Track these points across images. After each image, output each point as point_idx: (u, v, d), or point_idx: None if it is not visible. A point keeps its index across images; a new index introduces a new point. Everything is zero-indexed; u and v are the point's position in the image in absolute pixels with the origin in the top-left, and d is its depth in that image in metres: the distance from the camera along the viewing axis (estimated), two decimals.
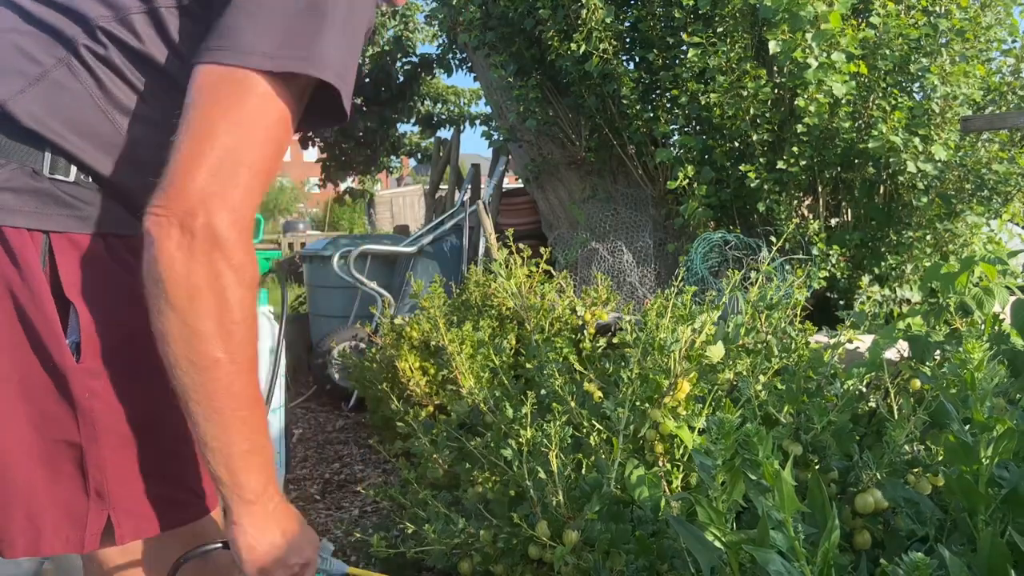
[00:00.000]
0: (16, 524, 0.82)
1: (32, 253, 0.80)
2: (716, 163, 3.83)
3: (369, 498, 2.92)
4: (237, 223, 0.76)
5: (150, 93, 0.85)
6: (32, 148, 0.82)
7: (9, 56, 0.83)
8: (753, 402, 1.57)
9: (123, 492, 0.85)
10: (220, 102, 0.76)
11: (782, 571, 0.80)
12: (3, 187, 0.80)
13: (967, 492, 1.02)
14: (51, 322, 0.80)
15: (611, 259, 4.18)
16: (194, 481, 0.92)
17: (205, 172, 0.74)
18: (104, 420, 0.83)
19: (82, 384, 0.82)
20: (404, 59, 8.81)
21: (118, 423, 0.84)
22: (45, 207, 0.82)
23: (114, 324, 0.83)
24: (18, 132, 0.81)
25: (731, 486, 0.88)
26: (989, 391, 1.00)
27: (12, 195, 0.80)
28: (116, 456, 0.85)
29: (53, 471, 0.82)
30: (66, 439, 0.82)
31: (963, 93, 3.30)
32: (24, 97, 0.81)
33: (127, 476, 0.86)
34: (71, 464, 0.83)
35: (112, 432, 0.84)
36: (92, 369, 0.82)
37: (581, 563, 1.45)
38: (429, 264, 4.69)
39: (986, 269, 1.93)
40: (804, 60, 3.28)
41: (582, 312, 2.66)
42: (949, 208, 3.44)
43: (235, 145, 0.76)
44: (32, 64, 0.82)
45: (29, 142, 0.82)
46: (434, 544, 1.68)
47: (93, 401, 0.82)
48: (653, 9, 4.00)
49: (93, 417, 0.83)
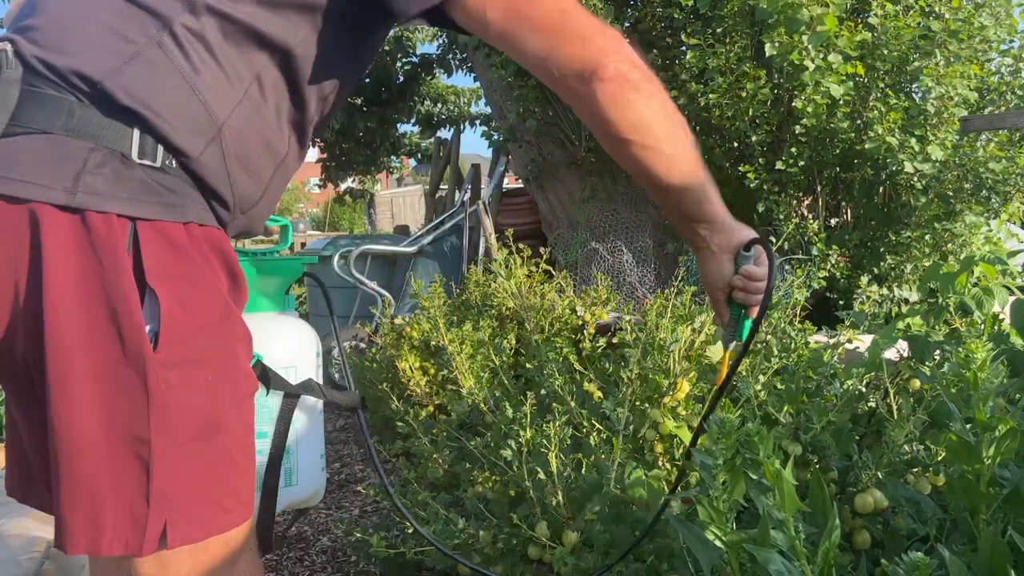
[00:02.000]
0: (79, 522, 0.81)
1: (120, 240, 0.79)
2: (715, 163, 3.83)
3: (369, 498, 2.92)
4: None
5: (236, 75, 0.86)
6: (123, 127, 0.81)
7: (100, 35, 0.82)
8: (752, 402, 1.57)
9: (182, 494, 0.83)
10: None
11: (783, 570, 0.80)
12: (94, 171, 0.79)
13: (968, 492, 1.02)
14: (133, 312, 0.78)
15: (611, 259, 4.18)
16: (243, 489, 0.89)
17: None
18: (176, 415, 0.81)
19: (158, 375, 0.79)
20: (404, 59, 8.81)
21: (188, 419, 0.82)
22: (134, 194, 0.81)
23: (191, 315, 0.82)
24: (112, 111, 0.81)
25: (732, 485, 0.88)
26: (992, 391, 1.00)
27: (103, 180, 0.79)
28: (182, 455, 0.82)
29: (119, 470, 0.80)
30: (136, 435, 0.80)
31: (959, 94, 3.30)
32: (120, 75, 0.81)
33: (189, 477, 0.83)
34: (137, 463, 0.80)
35: (182, 429, 0.82)
36: (168, 360, 0.80)
37: (581, 564, 1.45)
38: (429, 264, 4.69)
39: (985, 269, 1.93)
40: (800, 62, 3.28)
41: (582, 312, 2.66)
42: (948, 208, 3.44)
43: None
44: (125, 43, 0.82)
45: (121, 120, 0.81)
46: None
47: (167, 394, 0.80)
48: (653, 9, 4.00)
49: (166, 411, 0.80)
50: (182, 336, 0.81)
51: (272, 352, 1.05)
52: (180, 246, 0.83)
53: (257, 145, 0.92)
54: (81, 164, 0.79)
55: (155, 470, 0.80)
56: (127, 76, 0.81)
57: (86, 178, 0.79)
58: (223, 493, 0.87)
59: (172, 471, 0.81)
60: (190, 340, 0.82)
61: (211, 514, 0.86)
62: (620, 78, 0.92)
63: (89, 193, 0.78)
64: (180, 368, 0.81)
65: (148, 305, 0.80)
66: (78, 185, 0.78)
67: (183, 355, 0.81)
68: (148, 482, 0.80)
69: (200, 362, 0.83)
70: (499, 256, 2.66)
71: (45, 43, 0.82)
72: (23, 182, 0.77)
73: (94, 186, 0.79)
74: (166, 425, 0.81)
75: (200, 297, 0.84)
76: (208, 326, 0.83)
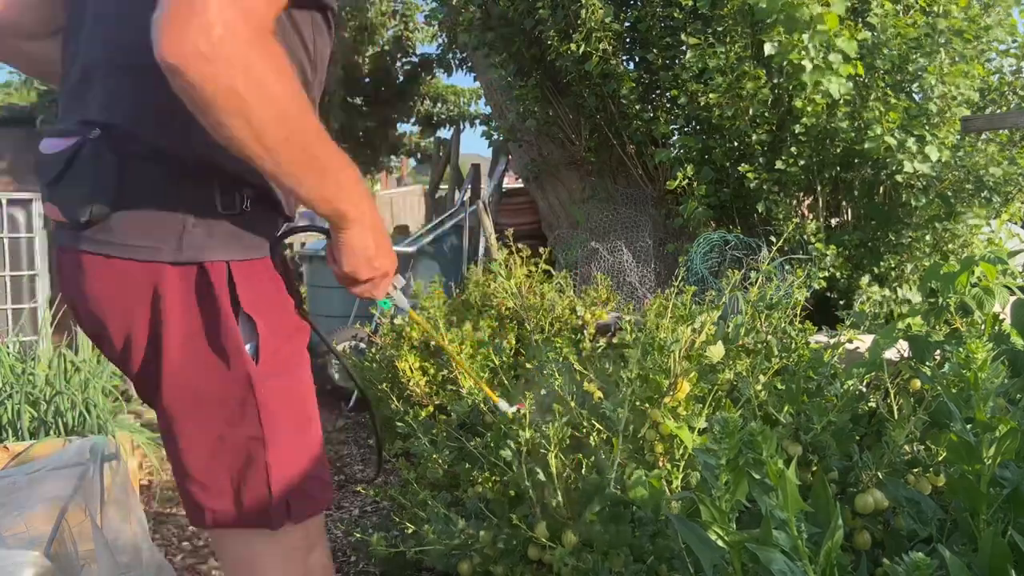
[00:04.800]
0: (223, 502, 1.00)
1: (221, 280, 0.96)
2: (715, 163, 3.83)
3: (369, 498, 2.92)
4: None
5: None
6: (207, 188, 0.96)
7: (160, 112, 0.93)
8: (753, 402, 1.57)
9: (296, 479, 1.02)
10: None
11: (785, 570, 0.80)
12: (191, 231, 0.95)
13: (969, 492, 1.02)
14: (237, 337, 0.97)
15: (611, 259, 4.18)
16: (328, 470, 1.10)
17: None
18: (280, 414, 1.00)
19: (263, 384, 0.98)
20: (404, 59, 8.80)
21: (290, 417, 1.02)
22: (225, 242, 0.97)
23: (279, 333, 1.01)
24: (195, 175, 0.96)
25: (735, 485, 0.88)
26: (992, 391, 1.00)
27: (200, 236, 0.96)
28: (290, 446, 1.02)
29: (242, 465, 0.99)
30: (253, 435, 0.98)
31: (961, 93, 3.30)
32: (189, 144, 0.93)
33: (298, 464, 1.03)
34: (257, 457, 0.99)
35: (286, 425, 1.01)
36: (268, 372, 0.99)
37: (581, 564, 1.45)
38: (429, 264, 4.69)
39: (986, 269, 1.93)
40: (800, 62, 3.28)
41: (582, 312, 2.66)
42: (949, 208, 3.44)
43: None
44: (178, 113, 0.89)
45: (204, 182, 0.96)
46: (434, 544, 1.68)
47: (271, 399, 0.99)
48: (652, 9, 4.00)
49: (274, 414, 0.99)
50: (275, 351, 1.00)
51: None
52: (264, 278, 1.01)
53: None
54: (181, 226, 0.95)
55: (271, 461, 0.99)
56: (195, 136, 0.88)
57: (186, 237, 0.95)
58: (323, 473, 1.07)
59: (285, 461, 1.01)
60: (281, 353, 1.01)
61: (319, 492, 1.06)
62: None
63: (192, 248, 0.95)
64: (277, 377, 1.00)
65: (244, 328, 0.98)
66: (182, 243, 0.95)
67: (277, 367, 1.00)
68: (268, 472, 0.99)
69: (289, 370, 1.03)
70: (499, 256, 2.66)
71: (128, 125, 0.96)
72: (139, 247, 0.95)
73: (193, 242, 0.95)
74: (274, 424, 0.99)
75: (283, 317, 1.03)
76: (290, 340, 1.03)
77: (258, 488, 1.00)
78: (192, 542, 2.70)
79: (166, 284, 0.95)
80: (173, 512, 2.98)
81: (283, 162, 0.87)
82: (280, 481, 1.00)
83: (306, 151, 0.89)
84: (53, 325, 3.90)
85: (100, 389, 2.77)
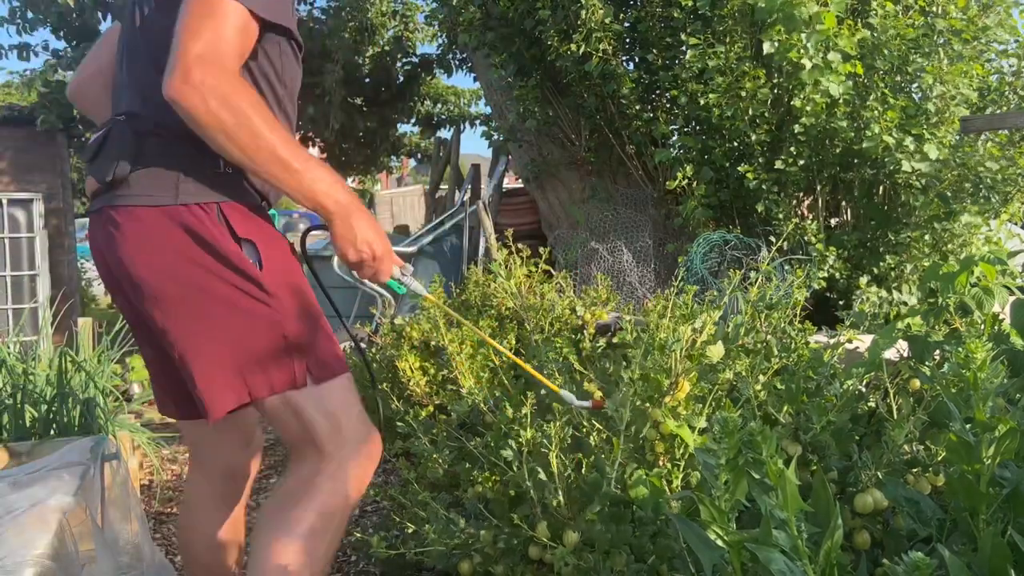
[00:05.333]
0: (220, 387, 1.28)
1: (212, 216, 1.27)
2: (715, 163, 3.83)
3: (369, 498, 2.92)
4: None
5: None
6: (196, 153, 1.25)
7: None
8: (752, 402, 1.57)
9: (309, 349, 1.30)
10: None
11: (785, 570, 0.80)
12: (185, 180, 1.27)
13: (968, 492, 1.02)
14: (237, 251, 1.27)
15: (611, 259, 4.18)
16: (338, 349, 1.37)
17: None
18: (287, 302, 1.29)
19: (270, 282, 1.28)
20: (404, 59, 8.79)
21: (296, 303, 1.31)
22: (213, 189, 1.29)
23: (276, 251, 1.32)
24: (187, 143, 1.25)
25: (734, 485, 0.88)
26: (992, 391, 1.00)
27: (193, 185, 1.28)
28: (302, 322, 1.30)
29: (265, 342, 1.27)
30: (274, 320, 1.27)
31: (960, 93, 3.30)
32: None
33: (310, 338, 1.31)
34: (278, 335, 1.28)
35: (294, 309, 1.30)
36: (271, 279, 1.28)
37: (581, 563, 1.45)
38: (429, 264, 4.69)
39: (985, 269, 1.93)
40: (799, 61, 3.28)
41: (582, 312, 2.66)
42: (948, 208, 3.44)
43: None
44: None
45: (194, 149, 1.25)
46: (434, 544, 1.68)
47: (280, 291, 1.28)
48: (652, 9, 4.00)
49: (281, 301, 1.28)
50: (274, 260, 1.30)
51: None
52: (249, 215, 1.32)
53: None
54: (177, 178, 1.28)
55: (289, 335, 1.28)
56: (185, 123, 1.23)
57: (181, 186, 1.28)
58: (334, 348, 1.35)
59: (299, 335, 1.29)
60: (279, 264, 1.31)
61: (337, 360, 1.35)
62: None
63: (186, 194, 1.27)
64: (280, 278, 1.30)
65: (246, 249, 1.28)
66: (178, 191, 1.27)
67: (277, 273, 1.30)
68: (286, 343, 1.28)
69: (287, 276, 1.32)
70: (499, 256, 2.66)
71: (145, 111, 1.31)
72: (148, 196, 1.28)
73: (187, 189, 1.27)
74: (285, 309, 1.29)
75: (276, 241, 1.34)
76: (285, 255, 1.34)
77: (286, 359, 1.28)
78: None
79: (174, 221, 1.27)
80: (173, 512, 2.98)
81: (259, 165, 1.21)
82: (299, 352, 1.29)
83: (276, 156, 1.20)
84: (53, 325, 3.90)
85: (100, 389, 2.77)
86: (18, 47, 6.21)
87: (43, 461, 1.92)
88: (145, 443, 3.05)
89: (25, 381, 2.70)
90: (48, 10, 5.94)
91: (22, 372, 2.84)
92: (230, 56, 1.19)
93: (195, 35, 1.17)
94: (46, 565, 1.36)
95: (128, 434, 2.77)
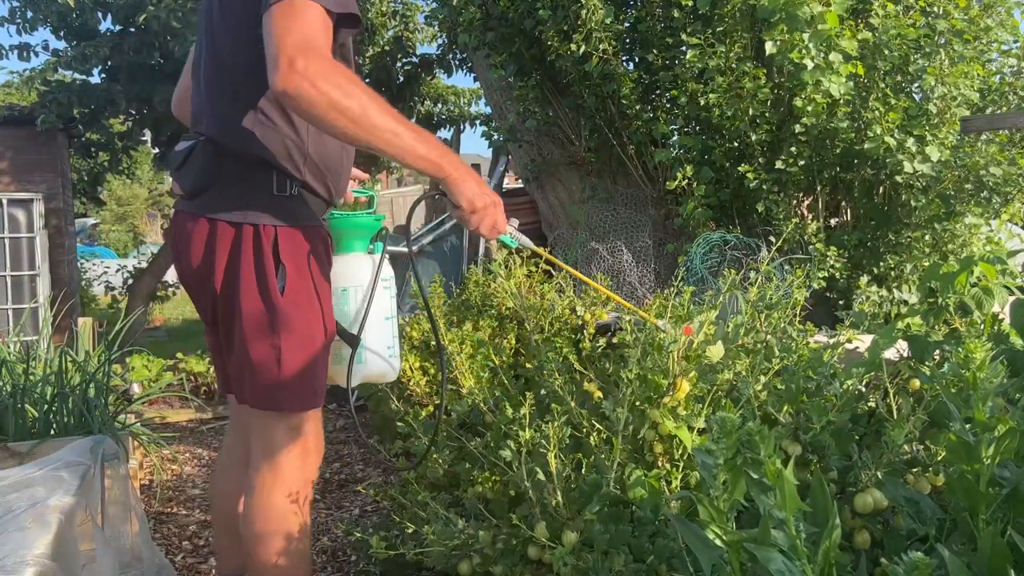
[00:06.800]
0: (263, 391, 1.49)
1: (269, 238, 1.46)
2: (715, 163, 3.82)
3: (369, 498, 2.92)
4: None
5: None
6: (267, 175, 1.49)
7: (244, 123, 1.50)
8: (752, 402, 1.57)
9: (300, 375, 1.49)
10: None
11: (783, 570, 0.80)
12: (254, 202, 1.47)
13: (968, 491, 1.02)
14: (273, 276, 1.46)
15: (611, 259, 4.18)
16: (324, 381, 1.57)
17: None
18: (294, 329, 1.47)
19: (284, 309, 1.46)
20: (404, 59, 8.79)
21: (301, 331, 1.49)
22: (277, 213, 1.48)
23: (304, 275, 1.49)
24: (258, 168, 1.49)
25: (733, 485, 0.88)
26: (991, 391, 1.00)
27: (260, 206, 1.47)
28: (298, 352, 1.48)
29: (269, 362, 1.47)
30: (270, 345, 1.46)
31: (961, 94, 3.30)
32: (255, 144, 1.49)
33: (304, 365, 1.49)
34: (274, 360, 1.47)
35: (297, 337, 1.48)
36: (289, 301, 1.47)
37: (580, 564, 1.45)
38: (429, 264, 4.69)
39: (985, 269, 1.93)
40: (800, 61, 3.28)
41: (582, 312, 2.66)
42: (948, 208, 3.44)
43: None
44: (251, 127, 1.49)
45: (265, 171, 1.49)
46: (434, 545, 1.68)
47: (290, 318, 1.47)
48: (652, 9, 4.00)
49: (289, 326, 1.47)
50: (297, 288, 1.48)
51: (358, 277, 1.68)
52: (299, 241, 1.50)
53: (333, 149, 1.56)
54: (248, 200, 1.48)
55: (283, 361, 1.47)
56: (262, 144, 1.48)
57: (251, 208, 1.47)
58: (317, 383, 1.54)
59: (292, 363, 1.48)
60: (302, 292, 1.48)
61: (312, 396, 1.54)
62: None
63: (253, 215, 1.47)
64: (295, 306, 1.48)
65: (279, 272, 1.46)
66: (247, 212, 1.47)
67: (297, 299, 1.48)
68: (280, 370, 1.48)
69: (305, 304, 1.49)
70: (499, 256, 2.66)
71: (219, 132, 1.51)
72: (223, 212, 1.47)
73: (255, 212, 1.47)
74: (289, 337, 1.47)
75: (311, 266, 1.51)
76: (309, 284, 1.50)
77: (273, 381, 1.47)
78: (192, 541, 2.70)
79: (238, 237, 1.47)
80: (173, 512, 2.98)
81: (373, 136, 1.32)
82: (288, 379, 1.47)
83: (394, 130, 1.33)
84: (53, 325, 3.90)
85: (100, 389, 2.77)
86: (18, 47, 6.20)
87: (43, 461, 1.92)
88: (145, 443, 3.05)
89: (25, 381, 2.70)
90: (48, 10, 5.93)
91: (22, 372, 2.84)
92: (324, 45, 1.30)
93: (287, 32, 1.27)
94: (46, 565, 1.36)
95: (128, 434, 2.77)
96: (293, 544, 1.53)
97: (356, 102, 1.28)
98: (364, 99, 1.29)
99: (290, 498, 1.53)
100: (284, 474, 1.53)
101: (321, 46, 1.28)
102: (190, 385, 4.55)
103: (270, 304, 1.46)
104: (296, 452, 1.54)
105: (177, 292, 9.12)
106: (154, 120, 6.58)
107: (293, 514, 1.53)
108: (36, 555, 1.34)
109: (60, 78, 6.46)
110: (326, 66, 1.27)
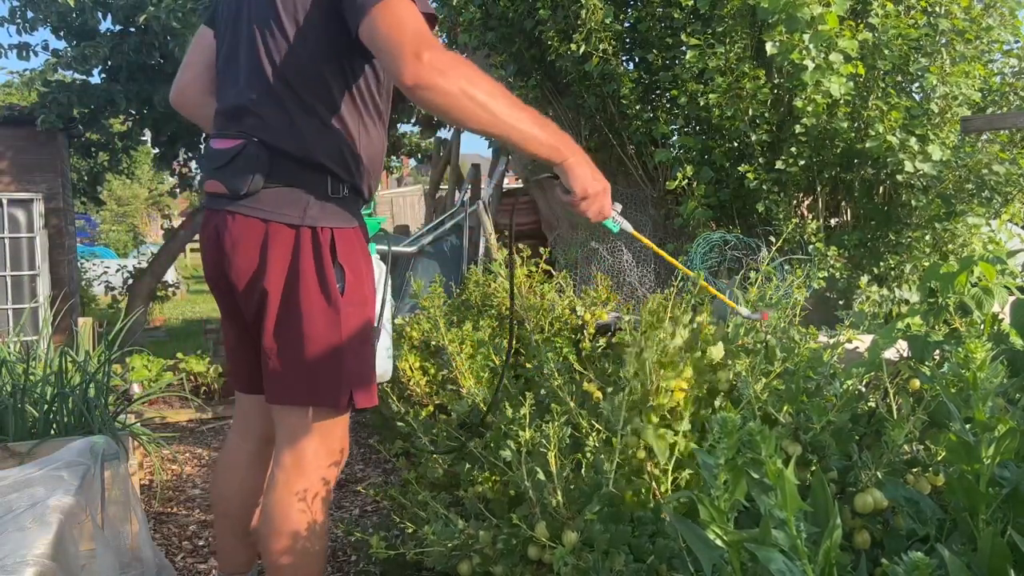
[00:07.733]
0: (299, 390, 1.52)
1: (327, 240, 1.49)
2: (715, 163, 3.82)
3: (369, 498, 2.92)
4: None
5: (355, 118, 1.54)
6: (321, 177, 1.51)
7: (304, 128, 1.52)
8: (752, 402, 1.57)
9: (359, 374, 1.54)
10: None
11: (784, 570, 0.80)
12: (311, 205, 1.49)
13: (968, 492, 1.02)
14: (332, 275, 1.49)
15: (611, 259, 4.18)
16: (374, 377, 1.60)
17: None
18: (353, 329, 1.51)
19: (345, 309, 1.50)
20: None
21: (358, 331, 1.53)
22: (332, 215, 1.51)
23: (358, 279, 1.54)
24: (313, 170, 1.50)
25: (733, 485, 0.88)
26: (991, 391, 1.00)
27: (316, 210, 1.50)
28: (357, 352, 1.53)
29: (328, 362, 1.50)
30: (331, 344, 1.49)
31: (963, 93, 3.30)
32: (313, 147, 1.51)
33: (359, 366, 1.54)
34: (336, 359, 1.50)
35: (356, 336, 1.52)
36: (348, 302, 1.51)
37: (581, 563, 1.45)
38: (429, 264, 4.69)
39: (985, 269, 1.93)
40: (801, 62, 3.28)
41: (582, 312, 2.66)
42: (949, 208, 3.44)
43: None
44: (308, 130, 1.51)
45: (319, 173, 1.51)
46: (434, 545, 1.68)
47: (349, 318, 1.51)
48: (653, 10, 4.00)
49: (349, 327, 1.50)
50: (355, 289, 1.52)
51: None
52: (353, 240, 1.54)
53: (378, 150, 1.61)
54: (306, 203, 1.49)
55: (343, 361, 1.51)
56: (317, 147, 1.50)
57: (308, 210, 1.49)
58: (372, 378, 1.58)
59: (352, 362, 1.52)
60: (358, 292, 1.53)
61: (372, 391, 1.57)
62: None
63: (311, 218, 1.49)
64: (353, 306, 1.52)
65: (337, 272, 1.50)
66: (305, 214, 1.48)
67: (354, 299, 1.52)
68: (341, 369, 1.51)
69: (360, 304, 1.54)
70: (499, 256, 2.66)
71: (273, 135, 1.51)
72: (280, 214, 1.48)
73: (312, 214, 1.49)
74: (350, 335, 1.51)
75: (363, 267, 1.56)
76: (364, 285, 1.55)
77: (333, 379, 1.51)
78: (192, 542, 2.70)
79: (297, 238, 1.48)
80: (173, 512, 2.98)
81: (507, 126, 1.34)
82: (348, 377, 1.51)
83: (518, 117, 1.36)
84: (53, 325, 3.89)
85: (100, 389, 2.77)
86: (18, 47, 6.20)
87: (43, 461, 1.92)
88: (145, 443, 3.05)
89: (25, 381, 2.70)
90: (48, 10, 5.93)
91: (22, 372, 2.84)
92: (433, 38, 1.33)
93: (400, 29, 1.29)
94: (46, 565, 1.36)
95: (128, 434, 2.77)
96: (311, 543, 1.53)
97: (484, 91, 1.31)
98: (490, 87, 1.32)
99: (312, 496, 1.54)
100: (309, 473, 1.54)
101: (434, 39, 1.31)
102: (190, 385, 4.55)
103: (334, 305, 1.48)
104: (324, 452, 1.56)
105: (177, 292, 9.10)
106: (154, 120, 6.58)
107: (314, 513, 1.54)
108: (36, 555, 1.34)
109: (60, 78, 6.46)
110: (449, 57, 1.29)
